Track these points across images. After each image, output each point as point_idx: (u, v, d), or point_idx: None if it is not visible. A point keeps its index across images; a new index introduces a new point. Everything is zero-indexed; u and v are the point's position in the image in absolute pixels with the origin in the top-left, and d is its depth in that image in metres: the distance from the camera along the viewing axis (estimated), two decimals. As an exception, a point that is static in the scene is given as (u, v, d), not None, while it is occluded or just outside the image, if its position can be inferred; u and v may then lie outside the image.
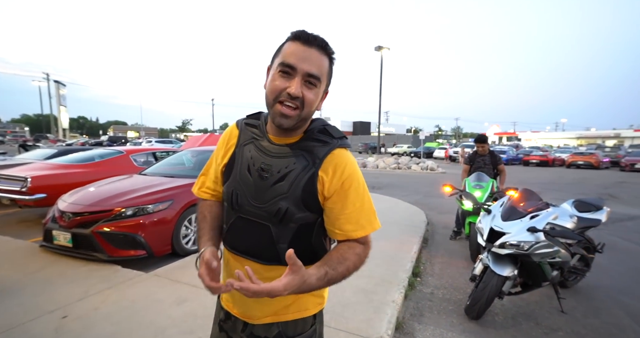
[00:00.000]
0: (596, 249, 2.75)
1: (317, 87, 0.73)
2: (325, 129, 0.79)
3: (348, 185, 0.76)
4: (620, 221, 5.45)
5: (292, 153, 0.76)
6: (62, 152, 6.09)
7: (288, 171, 0.75)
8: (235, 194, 0.79)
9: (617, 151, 21.56)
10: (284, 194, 0.74)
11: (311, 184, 0.74)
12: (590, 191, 9.10)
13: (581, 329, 2.25)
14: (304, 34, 0.71)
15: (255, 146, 0.80)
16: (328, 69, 0.75)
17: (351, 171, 0.77)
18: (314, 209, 0.77)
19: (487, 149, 4.18)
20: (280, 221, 0.75)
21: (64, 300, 2.25)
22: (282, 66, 0.70)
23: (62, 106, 35.03)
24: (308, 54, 0.70)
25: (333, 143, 0.77)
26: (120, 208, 3.02)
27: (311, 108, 0.73)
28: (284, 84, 0.70)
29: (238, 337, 0.86)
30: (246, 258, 0.80)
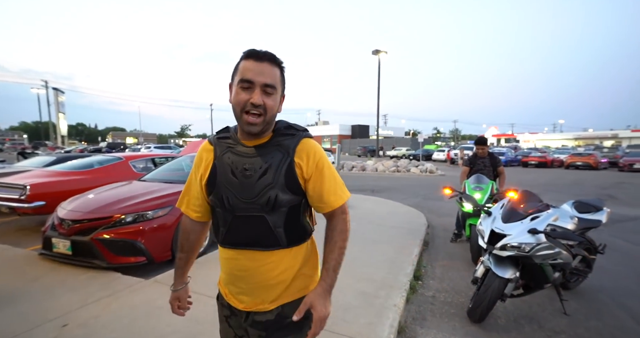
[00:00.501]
0: (597, 250, 2.75)
1: (274, 94, 0.85)
2: (289, 126, 0.93)
3: (321, 165, 0.91)
4: (620, 222, 5.45)
5: (267, 150, 0.88)
6: (61, 159, 6.09)
7: (268, 165, 0.87)
8: (226, 197, 0.88)
9: (615, 152, 21.71)
10: (271, 184, 0.86)
11: (291, 170, 0.87)
12: (590, 192, 9.12)
13: (584, 332, 2.24)
14: (255, 52, 0.84)
15: (232, 153, 0.91)
16: (280, 77, 0.88)
17: (321, 154, 0.92)
18: (297, 192, 0.89)
19: (486, 151, 4.20)
20: (272, 209, 0.87)
21: (64, 308, 2.23)
22: (242, 82, 0.83)
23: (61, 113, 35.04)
24: (261, 68, 0.83)
25: (299, 134, 0.91)
26: (119, 214, 3.01)
27: (273, 112, 0.86)
28: (247, 96, 0.82)
29: (242, 329, 0.96)
30: (249, 249, 0.90)
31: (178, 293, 1.10)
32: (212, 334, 1.93)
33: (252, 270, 0.90)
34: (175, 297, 1.10)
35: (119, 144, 32.10)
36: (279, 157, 0.87)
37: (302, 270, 0.95)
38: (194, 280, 3.06)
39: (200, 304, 2.30)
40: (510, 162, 20.70)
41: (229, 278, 0.96)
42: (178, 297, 1.10)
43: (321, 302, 0.87)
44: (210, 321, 2.05)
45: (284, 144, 0.89)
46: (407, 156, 28.07)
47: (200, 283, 2.66)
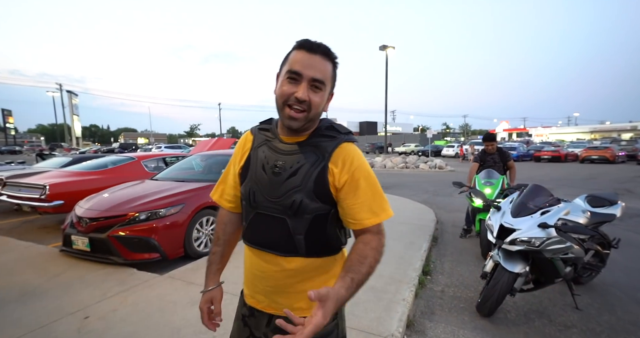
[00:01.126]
0: (611, 244, 2.69)
1: (322, 90, 0.79)
2: (332, 126, 0.85)
3: (358, 175, 0.80)
4: (638, 217, 5.29)
5: (302, 149, 0.82)
6: (77, 160, 6.30)
7: (300, 165, 0.80)
8: (252, 192, 0.84)
9: (634, 144, 20.90)
10: (297, 187, 0.79)
11: (322, 176, 0.79)
12: (606, 186, 8.86)
13: (596, 326, 2.21)
14: (308, 43, 0.78)
15: (268, 146, 0.86)
16: (332, 73, 0.81)
17: (359, 162, 0.82)
18: (327, 201, 0.81)
19: (495, 147, 4.14)
20: (295, 213, 0.80)
21: (84, 302, 2.34)
22: (289, 73, 0.77)
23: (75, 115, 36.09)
24: (312, 60, 0.77)
25: (340, 138, 0.83)
26: (133, 212, 3.12)
27: (317, 110, 0.79)
28: (292, 89, 0.76)
29: (261, 332, 0.89)
30: (265, 251, 0.85)
31: (211, 294, 0.96)
32: (226, 327, 1.99)
33: (268, 272, 0.86)
34: (208, 298, 0.95)
35: (130, 145, 32.85)
36: (312, 159, 0.80)
37: (327, 284, 0.85)
38: (206, 275, 3.14)
39: (213, 298, 2.38)
40: (522, 157, 20.22)
41: (248, 276, 0.92)
42: (211, 298, 0.96)
43: (330, 306, 0.63)
44: (224, 314, 2.11)
45: (322, 146, 0.81)
46: (416, 152, 27.77)
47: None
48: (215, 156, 4.84)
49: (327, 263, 0.86)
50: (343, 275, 0.72)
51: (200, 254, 3.41)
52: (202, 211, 3.51)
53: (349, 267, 0.74)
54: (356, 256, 0.76)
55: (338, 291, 0.66)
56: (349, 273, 0.72)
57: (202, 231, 3.53)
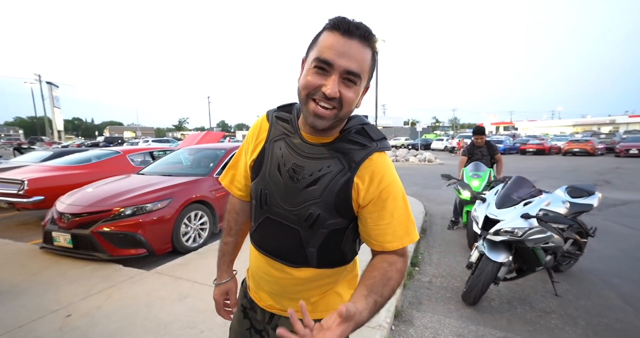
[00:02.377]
0: (589, 233, 2.80)
1: (356, 84, 0.65)
2: (363, 130, 0.73)
3: (386, 195, 0.70)
4: (614, 206, 5.53)
5: (327, 154, 0.70)
6: (58, 154, 6.07)
7: (321, 174, 0.70)
8: (264, 193, 0.75)
9: (612, 138, 21.71)
10: (316, 199, 0.70)
11: (345, 190, 0.69)
12: (586, 177, 9.19)
13: (573, 311, 2.31)
14: (344, 23, 0.62)
15: (286, 143, 0.74)
16: (370, 63, 0.66)
17: (390, 179, 0.71)
18: (347, 216, 0.72)
19: (484, 140, 4.22)
20: (310, 227, 0.72)
21: (66, 300, 2.28)
22: (317, 61, 0.62)
23: (56, 108, 34.62)
24: (347, 47, 0.61)
25: (372, 147, 0.71)
26: (119, 207, 3.04)
27: (350, 108, 0.66)
28: (319, 81, 0.63)
29: (262, 326, 0.86)
30: (274, 259, 0.78)
31: (227, 286, 0.92)
32: (213, 322, 1.99)
33: (275, 277, 0.80)
34: (224, 290, 0.91)
35: (116, 139, 31.91)
36: (337, 168, 0.69)
37: (334, 289, 0.81)
38: (195, 269, 3.10)
39: (202, 293, 2.36)
40: (509, 150, 20.73)
41: (253, 275, 0.87)
42: (227, 290, 0.92)
43: (350, 326, 0.55)
44: (211, 309, 2.09)
45: (349, 154, 0.70)
46: (406, 145, 28.04)
47: (202, 273, 2.72)
48: (204, 149, 4.75)
49: (339, 272, 0.80)
50: (366, 295, 0.62)
51: (188, 249, 3.37)
52: (191, 206, 3.46)
53: (372, 287, 0.64)
54: (380, 277, 0.66)
55: (362, 313, 0.59)
56: (372, 295, 0.63)
57: (190, 226, 3.48)
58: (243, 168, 0.85)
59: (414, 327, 2.12)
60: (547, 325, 2.14)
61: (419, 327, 2.12)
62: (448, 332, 2.07)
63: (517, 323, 2.16)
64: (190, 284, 2.51)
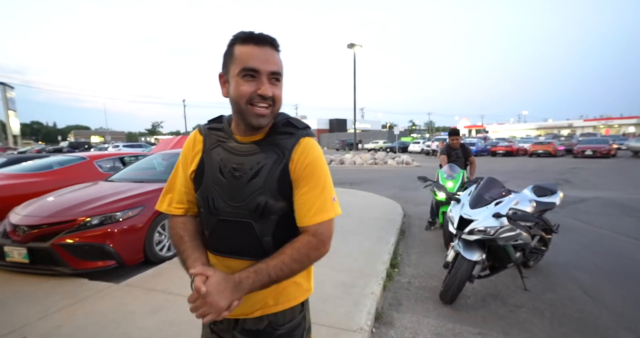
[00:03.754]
0: (553, 230, 3.00)
1: (280, 82, 0.77)
2: (289, 122, 0.82)
3: (311, 170, 0.78)
4: (573, 204, 5.97)
5: (261, 148, 0.78)
6: (13, 160, 5.60)
7: (260, 166, 0.77)
8: (211, 198, 0.79)
9: (570, 140, 23.53)
10: (261, 189, 0.76)
11: (285, 175, 0.77)
12: (549, 177, 9.87)
13: (541, 304, 2.45)
14: (254, 35, 0.74)
15: (223, 148, 0.81)
16: (281, 63, 0.78)
17: (314, 156, 0.78)
18: (290, 199, 0.79)
19: (459, 142, 4.42)
20: (261, 216, 0.77)
21: (20, 321, 2.08)
22: (245, 70, 0.72)
23: (11, 111, 31.91)
24: (265, 54, 0.73)
25: (299, 134, 0.80)
26: (84, 217, 2.83)
27: (280, 102, 0.78)
28: (252, 87, 0.72)
29: (230, 335, 0.87)
30: (232, 258, 0.81)
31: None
32: (189, 335, 1.89)
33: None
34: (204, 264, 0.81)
35: (82, 144, 29.92)
36: (273, 158, 0.77)
37: (293, 280, 0.84)
38: (169, 279, 2.95)
39: (175, 305, 2.25)
40: (481, 152, 21.84)
41: None
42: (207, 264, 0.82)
43: (217, 278, 0.71)
44: (187, 322, 2.00)
45: (281, 143, 0.78)
46: (384, 148, 28.70)
47: (176, 284, 2.59)
48: (179, 155, 4.56)
49: None
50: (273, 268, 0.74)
51: (162, 258, 3.20)
52: (165, 214, 3.29)
53: (279, 258, 0.75)
54: (274, 254, 0.76)
55: (248, 283, 0.72)
56: (257, 262, 0.75)
57: (164, 234, 3.32)
58: (182, 186, 0.88)
59: (394, 328, 2.15)
60: (518, 318, 2.25)
61: (399, 328, 2.14)
62: (427, 331, 2.11)
63: (491, 319, 2.25)
64: (163, 296, 2.38)
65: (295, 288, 0.86)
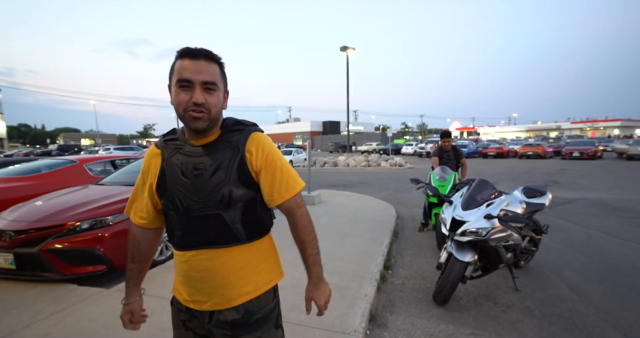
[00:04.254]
0: (542, 230, 3.06)
1: (216, 91, 0.84)
2: (238, 122, 0.93)
3: (271, 158, 0.90)
4: (562, 204, 6.10)
5: (217, 147, 0.87)
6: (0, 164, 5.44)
7: (219, 162, 0.86)
8: (179, 200, 0.86)
9: (559, 142, 24.08)
10: (224, 181, 0.85)
11: (243, 165, 0.87)
12: (538, 178, 10.06)
13: (531, 304, 2.49)
14: (189, 50, 0.82)
15: (181, 153, 0.88)
16: (220, 73, 0.86)
17: (271, 146, 0.91)
18: (252, 186, 0.89)
19: (451, 144, 4.48)
20: (228, 205, 0.86)
21: (6, 329, 2.02)
22: (180, 81, 0.81)
23: (-2, 113, 31.16)
24: (197, 66, 0.81)
25: (248, 129, 0.91)
26: (74, 221, 2.78)
27: (217, 109, 0.85)
28: (187, 96, 0.81)
29: (205, 330, 0.92)
30: (207, 248, 0.88)
31: (131, 307, 1.02)
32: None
33: (212, 269, 0.88)
34: (128, 310, 1.02)
35: (72, 147, 29.33)
36: (229, 154, 0.87)
37: (265, 264, 0.95)
38: (161, 284, 2.92)
39: (168, 310, 2.21)
40: (472, 154, 22.15)
41: (186, 281, 0.92)
42: (131, 310, 1.02)
43: (317, 293, 0.99)
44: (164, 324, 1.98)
45: (233, 140, 0.88)
46: (378, 150, 28.85)
47: (168, 288, 2.55)
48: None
49: (262, 243, 0.95)
50: (309, 258, 0.98)
51: (155, 262, 3.15)
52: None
53: (304, 254, 0.98)
54: (299, 246, 0.97)
55: (311, 281, 1.00)
56: (305, 263, 0.99)
57: (156, 239, 3.27)
58: (145, 195, 0.95)
59: (388, 330, 2.16)
60: (509, 318, 2.29)
61: (392, 330, 2.15)
62: (420, 332, 2.13)
63: (483, 319, 2.28)
64: (156, 300, 2.35)
65: (268, 272, 0.96)
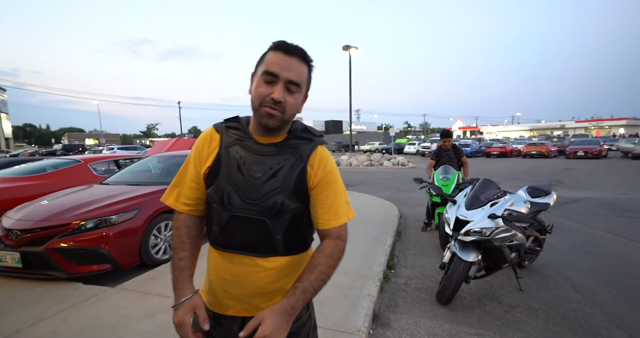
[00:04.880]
0: (547, 230, 3.04)
1: (297, 92, 0.80)
2: (307, 129, 0.89)
3: (330, 178, 0.85)
4: (566, 204, 6.05)
5: (280, 150, 0.83)
6: (5, 164, 5.51)
7: (280, 167, 0.81)
8: (227, 194, 0.81)
9: (563, 141, 23.87)
10: (278, 188, 0.80)
11: (301, 177, 0.82)
12: (542, 178, 10.00)
13: (535, 304, 2.48)
14: (285, 45, 0.79)
15: (241, 146, 0.84)
16: (307, 76, 0.83)
17: (332, 165, 0.87)
18: (304, 200, 0.84)
19: (451, 143, 4.45)
20: (276, 215, 0.81)
21: (13, 327, 2.05)
22: (265, 74, 0.77)
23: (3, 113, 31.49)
24: (289, 63, 0.77)
25: (316, 141, 0.87)
26: (79, 220, 2.80)
27: (292, 111, 0.81)
28: (268, 90, 0.77)
29: (230, 337, 0.86)
30: (242, 254, 0.83)
31: (192, 301, 0.82)
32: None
33: (245, 275, 0.83)
34: (190, 307, 0.81)
35: (76, 146, 29.58)
36: (291, 160, 0.82)
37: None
38: (166, 283, 2.94)
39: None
40: (475, 153, 22.03)
41: (217, 282, 0.87)
42: (193, 306, 0.81)
43: (273, 319, 0.72)
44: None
45: (300, 148, 0.84)
46: (380, 150, 28.79)
47: (172, 288, 2.57)
48: (175, 157, 4.55)
49: (301, 258, 0.88)
50: (293, 285, 0.80)
51: (158, 261, 3.18)
52: (160, 216, 3.28)
53: (300, 276, 0.81)
54: (309, 264, 0.82)
55: (281, 303, 0.76)
56: (297, 282, 0.80)
57: (160, 237, 3.29)
58: (192, 181, 0.89)
59: (391, 329, 2.16)
60: (513, 319, 2.28)
61: (396, 329, 2.15)
62: (424, 332, 2.12)
63: (487, 319, 2.27)
64: (160, 299, 2.37)
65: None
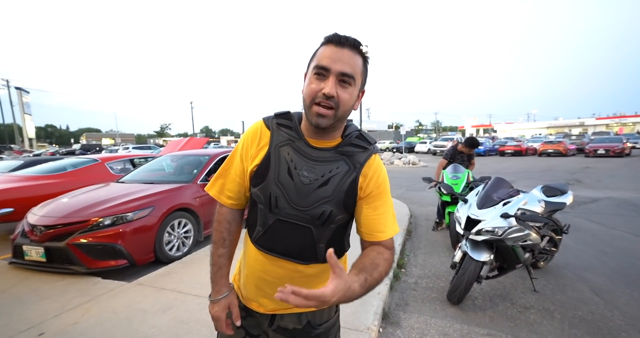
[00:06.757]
0: (563, 230, 2.95)
1: (351, 86, 0.73)
2: (361, 135, 0.83)
3: (382, 189, 0.81)
4: (585, 204, 5.85)
5: (334, 157, 0.78)
6: (29, 163, 5.76)
7: (332, 175, 0.77)
8: (275, 196, 0.78)
9: (582, 139, 23.00)
10: (328, 198, 0.77)
11: (353, 187, 0.78)
12: (559, 177, 9.67)
13: (550, 305, 2.41)
14: (336, 36, 0.73)
15: (293, 148, 0.79)
16: (362, 68, 0.75)
17: (385, 176, 0.83)
18: (351, 210, 0.81)
19: (471, 152, 4.40)
20: (322, 224, 0.78)
21: (38, 318, 2.15)
22: (316, 68, 0.72)
23: (27, 115, 32.88)
24: (340, 54, 0.71)
25: (371, 149, 0.82)
26: (97, 217, 2.92)
27: (346, 107, 0.74)
28: (319, 85, 0.72)
29: (259, 331, 0.88)
30: (284, 259, 0.81)
31: (228, 299, 0.88)
32: (198, 333, 1.93)
33: (283, 279, 0.81)
34: (225, 305, 0.87)
35: (94, 146, 30.59)
36: (344, 169, 0.78)
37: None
38: (179, 279, 3.01)
39: (186, 303, 2.30)
40: (489, 151, 21.50)
41: (252, 279, 0.86)
42: (228, 303, 0.88)
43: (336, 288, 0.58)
44: (196, 320, 2.05)
45: (355, 156, 0.79)
46: (391, 148, 28.52)
47: (186, 282, 2.64)
48: (188, 156, 4.65)
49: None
50: (357, 272, 0.67)
51: (172, 258, 3.27)
52: (174, 214, 3.37)
53: (362, 268, 0.70)
54: (369, 261, 0.73)
55: (353, 282, 0.63)
56: (363, 273, 0.68)
57: (173, 235, 3.38)
58: (236, 175, 0.85)
59: (401, 328, 2.15)
60: (527, 320, 2.23)
61: (406, 328, 2.14)
62: (434, 332, 2.11)
63: (499, 320, 2.23)
64: (174, 295, 2.43)
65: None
